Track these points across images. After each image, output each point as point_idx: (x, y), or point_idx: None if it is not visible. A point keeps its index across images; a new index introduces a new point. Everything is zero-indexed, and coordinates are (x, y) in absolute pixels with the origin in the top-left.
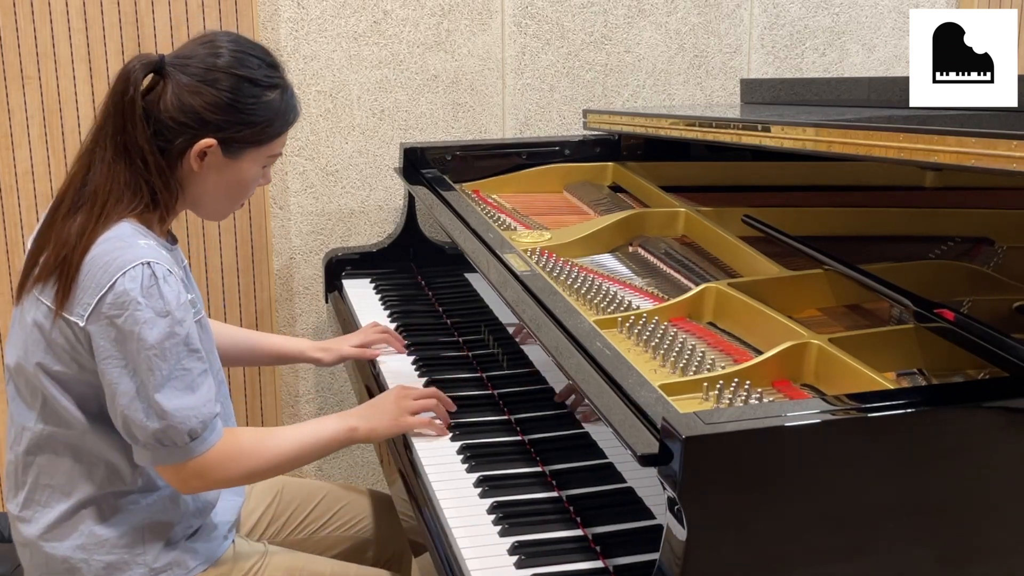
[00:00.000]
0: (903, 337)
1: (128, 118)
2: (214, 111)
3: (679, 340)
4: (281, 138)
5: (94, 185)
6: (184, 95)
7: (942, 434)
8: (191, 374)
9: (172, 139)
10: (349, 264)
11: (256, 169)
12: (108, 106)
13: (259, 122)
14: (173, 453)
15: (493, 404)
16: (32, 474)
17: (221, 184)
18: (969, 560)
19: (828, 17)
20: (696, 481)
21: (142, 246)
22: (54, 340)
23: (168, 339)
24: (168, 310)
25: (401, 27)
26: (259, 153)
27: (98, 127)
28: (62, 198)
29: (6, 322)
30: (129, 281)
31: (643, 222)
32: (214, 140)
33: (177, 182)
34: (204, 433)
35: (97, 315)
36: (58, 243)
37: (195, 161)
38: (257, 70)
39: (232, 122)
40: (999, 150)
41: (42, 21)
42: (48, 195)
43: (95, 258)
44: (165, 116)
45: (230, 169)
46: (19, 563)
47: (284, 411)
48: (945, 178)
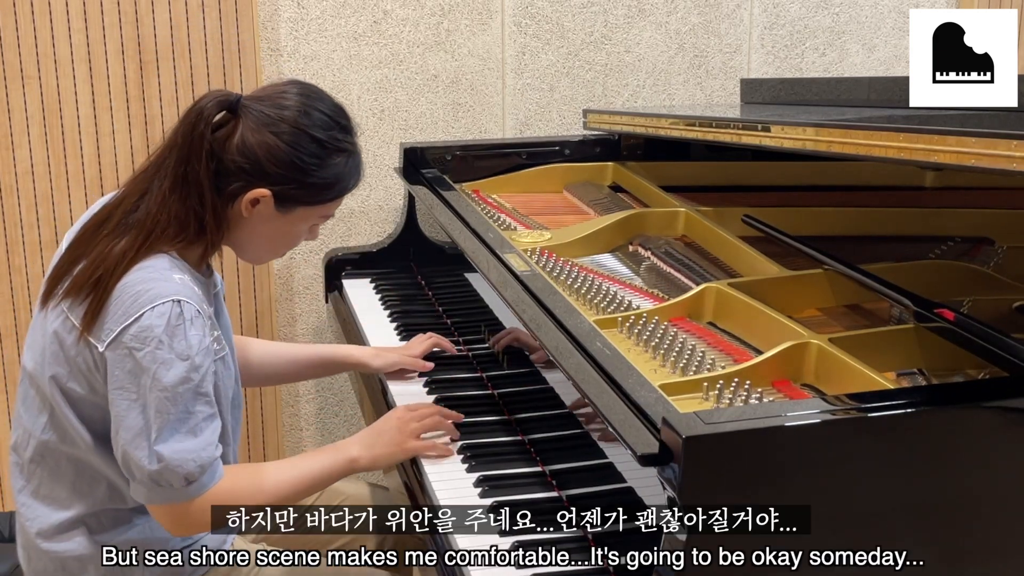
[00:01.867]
0: (903, 337)
1: (194, 152)
2: (274, 163)
3: (679, 340)
4: (338, 201)
5: (146, 211)
6: (249, 139)
7: (942, 434)
8: (195, 418)
9: (230, 181)
10: (349, 264)
11: (304, 226)
12: (176, 137)
13: (317, 184)
14: (168, 494)
15: (493, 404)
16: (34, 482)
17: (266, 234)
18: (969, 560)
19: (828, 17)
20: (696, 481)
21: (176, 281)
22: (72, 357)
23: (182, 384)
24: (189, 354)
25: (401, 27)
26: (311, 212)
27: (161, 155)
28: (110, 214)
29: (6, 322)
30: (156, 317)
31: (643, 222)
32: (268, 192)
33: (226, 222)
34: (202, 477)
35: (118, 344)
36: (97, 260)
37: (246, 207)
38: (324, 131)
39: (289, 178)
40: (999, 150)
41: (42, 21)
42: (48, 195)
43: (127, 286)
44: (228, 157)
45: (279, 221)
46: (18, 562)
47: (284, 411)
48: (945, 178)
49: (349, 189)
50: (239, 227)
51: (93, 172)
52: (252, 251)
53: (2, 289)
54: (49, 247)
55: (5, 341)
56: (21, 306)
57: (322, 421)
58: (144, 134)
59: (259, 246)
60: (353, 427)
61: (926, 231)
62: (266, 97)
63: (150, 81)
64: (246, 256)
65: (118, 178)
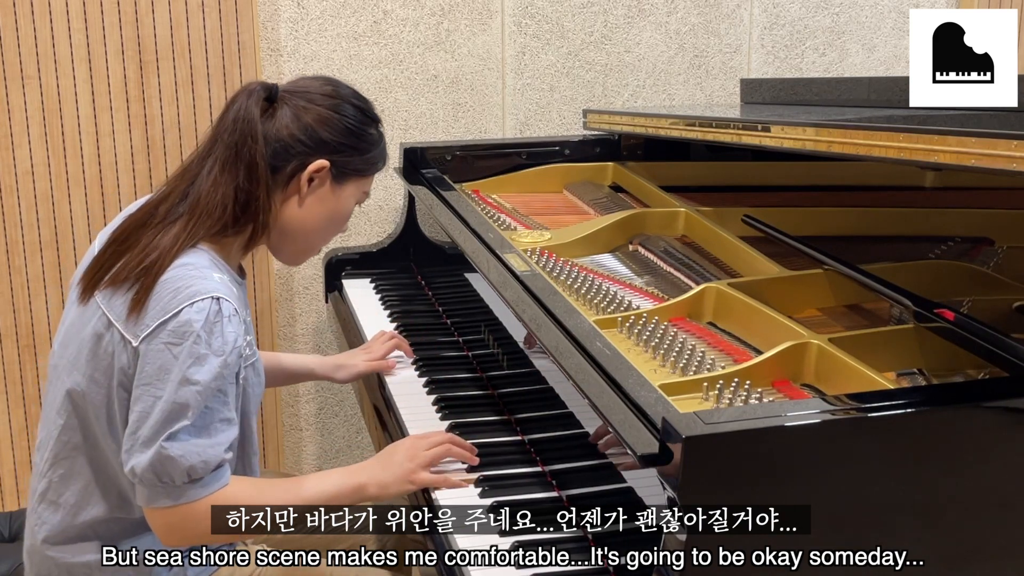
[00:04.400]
0: (903, 337)
1: (249, 133)
2: (333, 133)
3: (679, 340)
4: (373, 176)
5: (196, 196)
6: (304, 116)
7: (942, 434)
8: (211, 416)
9: (287, 159)
10: (349, 264)
11: (352, 203)
12: (222, 124)
13: (369, 151)
14: (167, 492)
15: (493, 404)
16: (50, 483)
17: (320, 214)
18: (970, 560)
19: (828, 17)
20: (696, 481)
21: (216, 280)
22: (108, 354)
23: (214, 380)
24: (224, 351)
25: (401, 27)
26: (359, 185)
27: (209, 144)
28: (156, 207)
29: (6, 322)
30: (196, 312)
31: (643, 222)
32: (327, 162)
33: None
34: (206, 477)
35: (153, 338)
36: (145, 250)
37: (304, 184)
38: (360, 101)
39: (347, 146)
40: (999, 150)
41: (42, 21)
42: (48, 195)
43: (167, 281)
44: (284, 134)
45: (332, 199)
46: (19, 562)
47: (284, 411)
48: (945, 178)
49: (387, 162)
50: (291, 214)
51: (93, 172)
52: (301, 239)
53: (2, 289)
54: (49, 247)
55: (5, 341)
56: (21, 306)
57: (322, 421)
58: (144, 134)
59: (309, 231)
60: (353, 427)
61: (926, 231)
62: (308, 86)
63: (150, 81)
64: (291, 251)
65: (118, 178)
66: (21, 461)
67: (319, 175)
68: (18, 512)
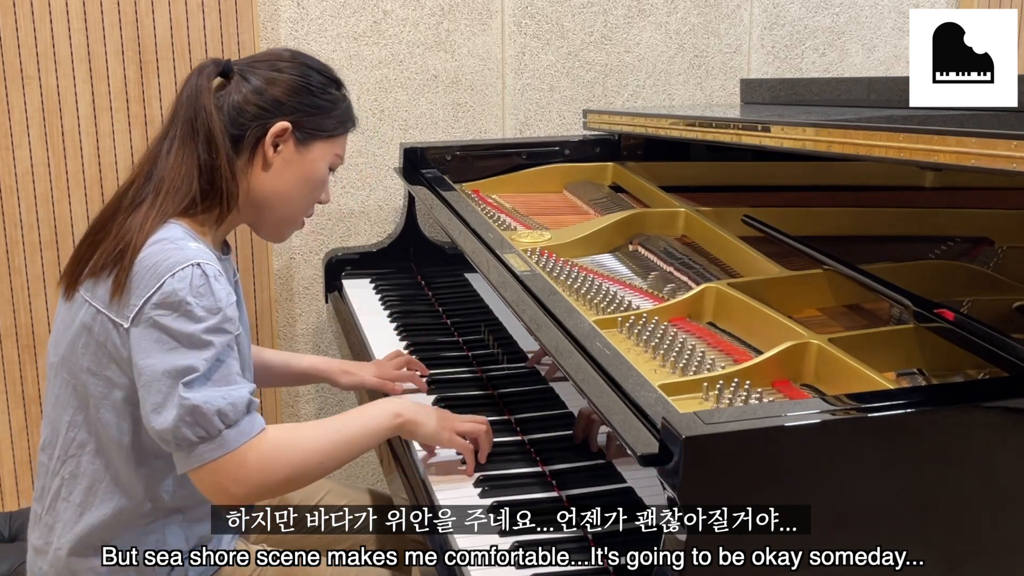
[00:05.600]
0: (903, 337)
1: (202, 106)
2: (288, 93)
3: (679, 340)
4: (344, 138)
5: (159, 175)
6: (256, 81)
7: (942, 434)
8: (227, 368)
9: (245, 127)
10: (349, 264)
11: (324, 166)
12: (178, 103)
13: (328, 108)
14: (207, 449)
15: (493, 404)
16: (55, 484)
17: (290, 180)
18: (970, 560)
19: (828, 17)
20: (696, 481)
21: (193, 248)
22: (101, 344)
23: (214, 332)
24: (219, 307)
25: (401, 27)
26: (327, 147)
27: (166, 125)
28: (123, 194)
29: (6, 322)
30: (178, 281)
31: (643, 222)
32: (288, 123)
33: (246, 181)
34: (240, 422)
35: (142, 316)
36: (119, 235)
37: (269, 149)
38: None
39: (306, 106)
40: (999, 150)
41: (42, 21)
42: (48, 195)
43: (144, 259)
44: (238, 100)
45: (300, 160)
46: (20, 562)
47: (284, 411)
48: (945, 178)
49: (354, 124)
50: (262, 183)
51: (93, 172)
52: (278, 208)
53: (2, 289)
54: (49, 247)
55: (5, 341)
56: (21, 306)
57: None
58: (144, 134)
59: (283, 199)
60: None
61: (926, 231)
62: (259, 57)
63: (150, 81)
64: (270, 223)
65: (118, 178)
66: (21, 461)
67: (282, 138)
68: (18, 512)
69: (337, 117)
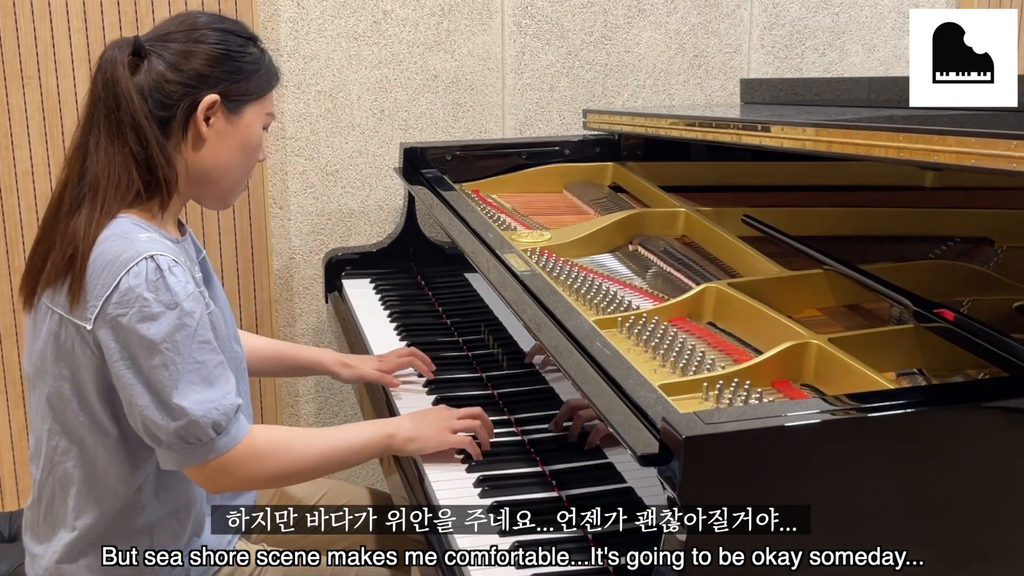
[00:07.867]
0: (903, 337)
1: (123, 95)
2: (210, 64)
3: (679, 340)
4: (271, 95)
5: (92, 173)
6: (177, 59)
7: (942, 434)
8: (206, 367)
9: (172, 108)
10: (349, 264)
11: (258, 128)
12: (95, 93)
13: (253, 70)
14: (199, 451)
15: (493, 404)
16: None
17: (227, 150)
18: (969, 560)
19: (828, 17)
20: (696, 481)
21: (144, 239)
22: (70, 349)
23: (178, 331)
24: (176, 302)
25: (401, 27)
26: (258, 109)
27: (87, 118)
28: (60, 196)
29: (6, 322)
30: (134, 278)
31: (643, 222)
32: (216, 95)
33: (183, 161)
34: (230, 428)
35: (104, 317)
36: (64, 241)
37: (202, 125)
38: (234, 24)
39: (229, 72)
40: (999, 150)
41: (42, 21)
42: (48, 195)
43: (97, 258)
44: (161, 82)
45: (234, 130)
46: (19, 562)
47: (284, 411)
48: (945, 178)
49: (278, 79)
50: (200, 159)
51: None
52: (221, 179)
53: (2, 289)
54: None
55: (5, 341)
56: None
57: (322, 421)
58: None
59: (224, 171)
60: None
61: (926, 231)
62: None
63: None
64: (214, 195)
65: None
66: (21, 461)
67: (212, 111)
68: (18, 512)
69: (262, 77)
